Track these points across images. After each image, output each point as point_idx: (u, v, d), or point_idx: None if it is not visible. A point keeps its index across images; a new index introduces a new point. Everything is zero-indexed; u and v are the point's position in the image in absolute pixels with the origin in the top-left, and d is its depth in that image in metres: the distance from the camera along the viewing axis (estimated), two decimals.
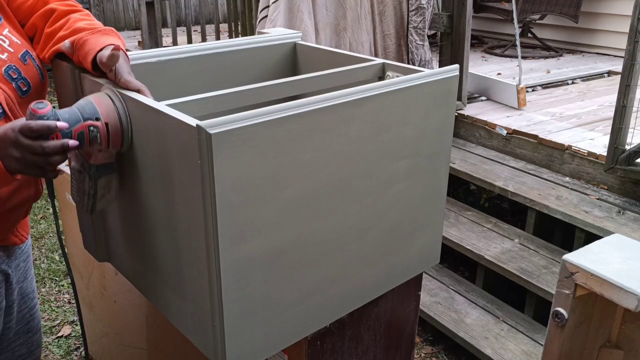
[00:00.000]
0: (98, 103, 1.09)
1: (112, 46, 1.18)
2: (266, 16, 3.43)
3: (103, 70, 1.16)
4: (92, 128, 1.06)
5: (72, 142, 1.04)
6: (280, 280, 1.11)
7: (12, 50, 1.22)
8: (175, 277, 1.15)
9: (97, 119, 1.07)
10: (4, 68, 1.20)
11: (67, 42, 1.22)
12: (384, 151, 1.21)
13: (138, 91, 1.12)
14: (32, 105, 1.03)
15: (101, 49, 1.17)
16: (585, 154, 2.98)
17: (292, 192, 1.07)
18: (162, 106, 1.04)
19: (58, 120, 1.03)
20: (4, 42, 1.22)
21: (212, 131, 0.92)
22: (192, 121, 0.95)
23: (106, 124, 1.08)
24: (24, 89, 1.24)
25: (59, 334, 2.75)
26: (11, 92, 1.21)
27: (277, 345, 1.17)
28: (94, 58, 1.17)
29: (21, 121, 1.03)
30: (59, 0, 1.31)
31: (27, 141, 1.02)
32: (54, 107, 1.06)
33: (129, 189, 1.22)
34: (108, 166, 1.15)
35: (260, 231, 1.04)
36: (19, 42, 1.25)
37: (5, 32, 1.23)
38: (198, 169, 0.95)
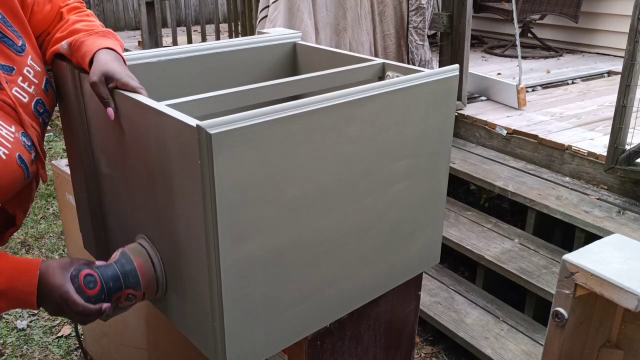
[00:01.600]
0: (141, 272, 1.14)
1: (109, 50, 1.18)
2: (266, 16, 3.43)
3: None
4: (130, 295, 1.13)
5: (106, 306, 1.11)
6: (281, 280, 1.11)
7: (36, 82, 1.19)
8: (175, 277, 1.15)
9: (137, 289, 1.14)
10: (33, 103, 1.17)
11: (64, 44, 1.21)
12: (384, 151, 1.21)
13: (134, 92, 1.11)
14: (83, 277, 1.09)
15: (97, 51, 1.17)
16: (585, 154, 2.98)
17: (293, 192, 1.07)
18: (162, 106, 1.04)
19: (104, 288, 1.10)
20: (29, 73, 1.18)
21: (212, 131, 0.91)
22: (192, 121, 0.95)
23: (144, 293, 1.15)
24: (46, 121, 1.24)
25: (59, 334, 2.75)
26: (38, 127, 1.19)
27: (277, 345, 1.17)
28: (91, 60, 1.16)
29: (67, 288, 1.07)
30: (67, 5, 1.31)
31: (71, 311, 1.08)
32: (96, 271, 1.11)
33: (130, 188, 1.22)
34: (132, 304, 1.19)
35: (261, 231, 1.04)
36: (40, 70, 1.21)
37: (29, 61, 1.19)
38: (198, 169, 0.95)
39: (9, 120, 1.11)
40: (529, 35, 5.33)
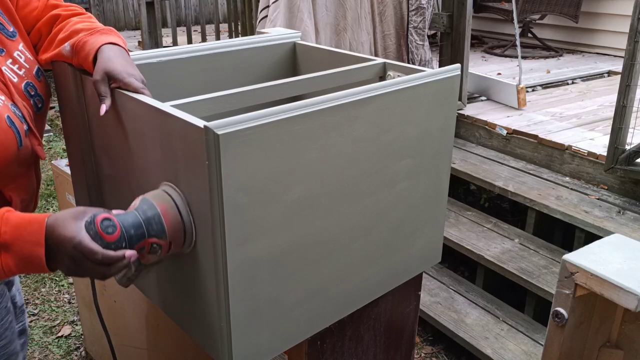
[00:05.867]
0: (166, 219, 1.01)
1: (112, 45, 1.18)
2: (266, 16, 3.43)
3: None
4: (155, 245, 1.01)
5: (130, 254, 0.97)
6: (286, 280, 1.12)
7: (28, 67, 1.21)
8: (180, 278, 1.15)
9: (163, 237, 1.01)
10: (23, 85, 1.18)
11: (67, 46, 1.21)
12: (387, 151, 1.22)
13: (136, 92, 1.11)
14: (100, 222, 0.96)
15: (101, 47, 1.17)
16: (585, 154, 2.98)
17: (298, 192, 1.07)
18: (167, 107, 1.04)
19: (125, 235, 0.96)
20: (20, 57, 1.20)
21: (220, 132, 0.92)
22: (199, 122, 0.95)
23: (170, 242, 1.03)
24: (39, 106, 1.23)
25: (59, 334, 2.75)
26: (30, 108, 1.19)
27: (282, 345, 1.17)
28: (95, 58, 1.16)
29: (82, 237, 0.95)
30: (63, 6, 1.31)
31: (89, 264, 0.95)
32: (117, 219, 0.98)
33: (133, 189, 1.22)
34: (158, 261, 1.08)
35: (267, 231, 1.04)
36: (32, 59, 1.23)
37: (20, 47, 1.21)
38: (205, 169, 0.95)
39: None
40: (529, 35, 5.33)
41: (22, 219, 0.97)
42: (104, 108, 1.12)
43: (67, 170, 2.02)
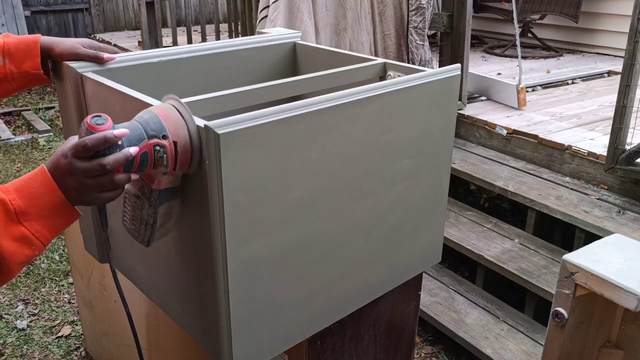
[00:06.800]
0: (165, 117, 0.92)
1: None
2: (266, 16, 3.43)
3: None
4: (157, 148, 0.91)
5: (134, 150, 0.88)
6: (286, 280, 1.12)
7: None
8: (180, 277, 1.15)
9: (165, 137, 0.91)
10: None
11: None
12: (387, 150, 1.22)
13: (95, 58, 1.21)
14: (89, 119, 0.87)
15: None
16: (585, 154, 2.98)
17: (298, 192, 1.07)
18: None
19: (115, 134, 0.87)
20: None
21: (220, 131, 0.92)
22: (200, 121, 0.95)
23: (174, 142, 0.92)
24: None
25: (59, 334, 2.75)
26: None
27: (282, 345, 1.17)
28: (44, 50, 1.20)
29: (72, 141, 0.88)
30: None
31: (82, 164, 0.86)
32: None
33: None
34: (172, 191, 0.99)
35: (267, 231, 1.04)
36: None
37: None
38: (206, 169, 0.95)
39: None
40: (529, 35, 5.33)
41: (21, 180, 0.89)
42: (113, 56, 1.22)
43: None
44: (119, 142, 0.88)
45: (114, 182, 0.89)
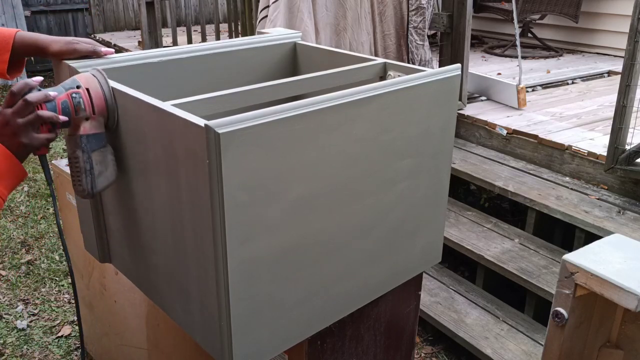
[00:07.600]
0: (79, 77, 1.15)
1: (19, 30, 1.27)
2: (266, 16, 3.43)
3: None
4: (74, 95, 1.12)
5: (53, 92, 1.09)
6: (286, 280, 1.12)
7: None
8: (180, 277, 1.15)
9: (78, 87, 1.13)
10: None
11: None
12: (387, 150, 1.22)
13: (94, 52, 1.26)
14: (13, 87, 1.09)
15: (16, 34, 1.25)
16: (585, 154, 2.98)
17: (298, 191, 1.07)
18: (168, 106, 1.04)
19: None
20: None
21: (220, 131, 0.92)
22: (200, 121, 0.95)
23: (87, 89, 1.14)
24: None
25: (59, 334, 2.75)
26: None
27: (282, 345, 1.17)
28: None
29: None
30: None
31: (9, 109, 1.04)
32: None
33: (132, 188, 1.22)
34: (99, 137, 1.17)
35: (267, 231, 1.04)
36: None
37: None
38: (206, 168, 0.95)
39: None
40: (529, 35, 5.33)
41: None
42: (111, 50, 1.27)
43: (67, 170, 2.02)
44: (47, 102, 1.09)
45: (41, 118, 1.06)
